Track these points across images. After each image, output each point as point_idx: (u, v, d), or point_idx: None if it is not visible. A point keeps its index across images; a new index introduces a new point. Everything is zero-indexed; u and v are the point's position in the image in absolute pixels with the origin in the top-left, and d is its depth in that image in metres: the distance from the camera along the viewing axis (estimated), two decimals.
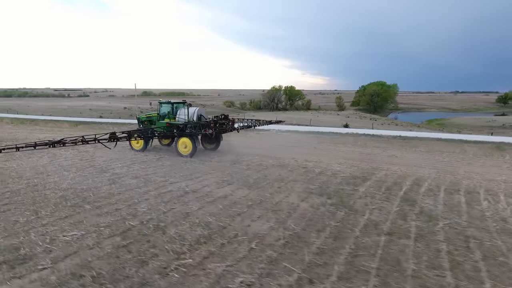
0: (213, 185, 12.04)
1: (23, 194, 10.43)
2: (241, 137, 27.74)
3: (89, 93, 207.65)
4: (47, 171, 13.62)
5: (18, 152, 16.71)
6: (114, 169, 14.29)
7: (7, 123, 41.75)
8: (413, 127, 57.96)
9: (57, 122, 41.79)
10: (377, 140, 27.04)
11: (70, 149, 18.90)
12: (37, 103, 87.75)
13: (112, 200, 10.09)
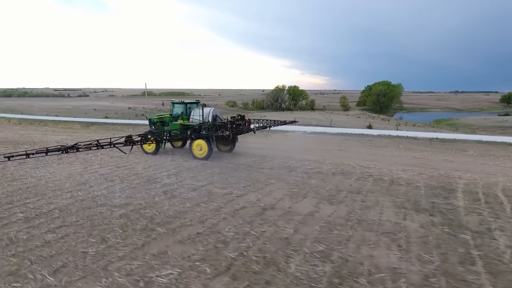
0: (286, 199, 10.38)
1: (75, 213, 8.72)
2: (262, 138, 26.18)
3: (89, 93, 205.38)
4: (88, 182, 11.90)
5: (45, 157, 15.14)
6: (162, 178, 12.58)
7: (15, 124, 39.90)
8: (430, 127, 56.50)
9: (68, 123, 39.96)
10: (416, 143, 25.48)
11: (98, 153, 17.19)
12: (40, 103, 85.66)
13: (185, 220, 8.40)
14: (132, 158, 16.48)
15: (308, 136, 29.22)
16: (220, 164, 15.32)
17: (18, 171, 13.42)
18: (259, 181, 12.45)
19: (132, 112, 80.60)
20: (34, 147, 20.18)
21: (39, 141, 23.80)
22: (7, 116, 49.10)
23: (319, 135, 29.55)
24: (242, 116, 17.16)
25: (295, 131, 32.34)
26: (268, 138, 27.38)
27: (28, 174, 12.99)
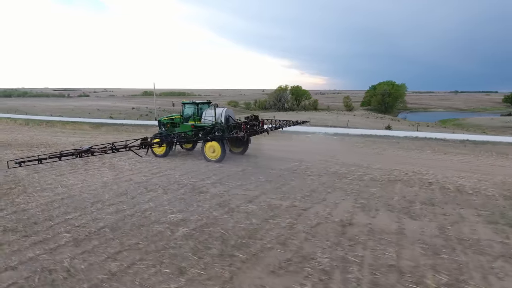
0: (359, 212, 9.15)
1: (130, 233, 7.46)
2: (279, 140, 24.99)
3: (89, 93, 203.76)
4: (128, 192, 10.64)
5: (71, 162, 13.88)
6: (207, 187, 11.33)
7: (22, 125, 38.54)
8: (444, 127, 55.41)
9: (76, 124, 38.60)
10: (450, 145, 24.35)
11: (123, 157, 15.94)
12: (43, 103, 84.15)
13: (262, 241, 7.16)
14: (164, 164, 15.25)
15: (331, 138, 28.03)
16: (261, 170, 14.09)
17: (45, 179, 12.17)
18: (315, 190, 11.22)
19: (136, 112, 79.31)
20: (50, 150, 18.96)
21: (54, 143, 22.53)
22: (12, 116, 47.75)
23: (343, 137, 28.35)
24: (256, 116, 16.54)
25: (316, 132, 31.17)
26: (289, 139, 26.20)
27: (57, 182, 11.74)
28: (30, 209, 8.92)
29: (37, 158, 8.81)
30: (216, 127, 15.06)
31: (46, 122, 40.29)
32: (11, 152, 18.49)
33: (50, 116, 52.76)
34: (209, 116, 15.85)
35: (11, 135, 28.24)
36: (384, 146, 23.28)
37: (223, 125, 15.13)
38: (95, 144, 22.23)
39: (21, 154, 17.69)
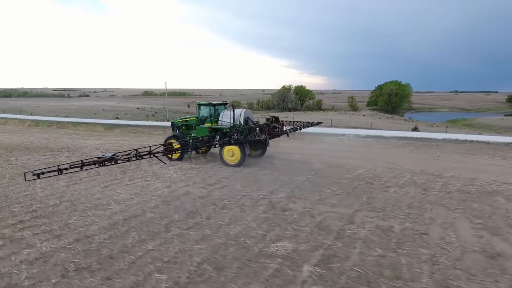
0: (488, 236, 7.55)
1: (241, 273, 5.80)
2: (309, 143, 23.47)
3: (89, 93, 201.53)
4: (196, 209, 8.96)
5: (107, 169, 12.25)
6: (285, 202, 9.68)
7: (31, 126, 36.70)
8: (465, 128, 53.96)
9: (89, 125, 36.82)
10: (496, 148, 22.81)
11: (154, 161, 14.25)
12: (46, 103, 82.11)
13: (420, 283, 5.53)
14: (211, 171, 13.64)
15: (365, 140, 26.43)
16: (325, 179, 12.48)
17: (90, 192, 10.50)
18: (412, 206, 9.62)
19: (142, 112, 77.61)
20: (74, 154, 17.49)
21: (74, 146, 20.85)
22: (19, 117, 45.91)
23: (376, 139, 26.76)
24: (276, 118, 15.86)
25: (345, 134, 29.56)
26: (319, 142, 24.57)
27: (107, 196, 10.05)
28: (94, 236, 7.25)
29: (57, 169, 7.66)
30: (236, 129, 14.36)
31: (55, 123, 38.47)
32: (33, 157, 16.80)
33: (57, 117, 50.95)
34: (227, 118, 15.12)
35: (24, 137, 26.48)
36: (429, 150, 21.71)
37: (245, 127, 14.35)
38: (116, 148, 20.83)
39: (45, 160, 16.02)
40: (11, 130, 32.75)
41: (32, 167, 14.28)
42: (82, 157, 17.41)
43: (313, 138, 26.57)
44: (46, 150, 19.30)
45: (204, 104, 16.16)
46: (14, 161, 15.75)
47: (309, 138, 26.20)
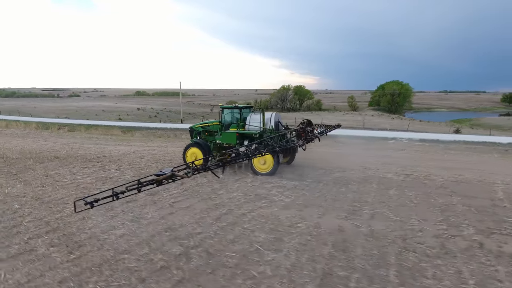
0: None
1: None
2: (360, 149, 21.00)
3: (79, 93, 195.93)
4: (347, 244, 6.37)
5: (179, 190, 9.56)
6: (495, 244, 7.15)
7: (39, 129, 33.33)
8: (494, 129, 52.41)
9: (105, 128, 33.64)
10: None
11: (234, 177, 11.60)
12: (41, 103, 78.02)
13: None
14: (304, 188, 11.04)
15: (422, 145, 24.13)
16: (444, 199, 10.00)
17: (206, 230, 7.75)
18: None
19: (143, 113, 74.31)
20: (123, 166, 14.74)
21: (112, 155, 18.09)
22: (20, 119, 42.33)
23: (437, 144, 24.44)
24: (310, 121, 14.36)
25: (396, 138, 27.17)
26: (375, 148, 22.10)
27: (245, 237, 7.33)
28: None
29: (112, 193, 6.02)
30: (267, 135, 13.27)
31: (64, 126, 35.16)
32: (75, 169, 14.15)
33: (59, 118, 47.47)
34: (256, 122, 14.05)
35: (39, 142, 23.41)
36: (510, 156, 19.51)
37: (276, 132, 13.30)
38: (162, 156, 18.04)
39: (95, 174, 13.26)
40: (19, 134, 29.48)
41: (84, 185, 11.54)
42: (132, 168, 14.69)
43: (359, 142, 24.24)
44: (82, 160, 16.46)
45: (229, 108, 15.14)
46: (57, 176, 12.92)
47: (353, 143, 23.90)
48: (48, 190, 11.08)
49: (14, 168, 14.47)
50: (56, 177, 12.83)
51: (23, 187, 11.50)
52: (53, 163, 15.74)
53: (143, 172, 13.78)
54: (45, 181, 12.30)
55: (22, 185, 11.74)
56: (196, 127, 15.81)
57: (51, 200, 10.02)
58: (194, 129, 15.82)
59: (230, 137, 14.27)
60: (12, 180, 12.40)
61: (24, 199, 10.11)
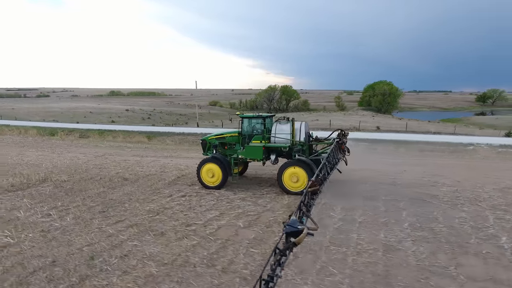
0: None
1: None
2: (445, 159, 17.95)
3: (47, 92, 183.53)
4: None
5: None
6: None
7: (41, 135, 28.03)
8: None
9: (124, 134, 28.82)
10: None
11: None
12: (19, 105, 70.18)
13: None
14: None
15: (507, 151, 21.43)
16: None
17: None
18: None
19: (134, 115, 68.76)
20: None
21: (187, 172, 13.89)
22: (8, 123, 36.47)
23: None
24: (344, 132, 13.77)
25: (474, 143, 24.34)
26: (468, 158, 19.24)
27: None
28: None
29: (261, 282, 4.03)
30: (298, 147, 12.38)
31: (73, 132, 29.92)
32: (183, 201, 10.01)
33: (55, 122, 41.66)
34: (284, 134, 12.60)
35: (64, 155, 19.01)
36: None
37: (306, 144, 12.53)
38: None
39: (207, 203, 9.27)
40: (25, 143, 24.42)
41: (238, 233, 7.71)
42: (247, 191, 10.78)
43: (440, 149, 21.22)
44: (165, 184, 12.54)
45: (250, 117, 13.35)
46: (174, 215, 8.92)
47: (437, 150, 20.91)
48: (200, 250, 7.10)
49: (88, 200, 10.32)
50: (178, 217, 8.78)
51: (156, 241, 7.42)
52: (131, 188, 11.83)
53: (272, 196, 10.10)
54: (171, 226, 8.20)
55: (152, 238, 7.66)
56: (211, 139, 13.80)
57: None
58: (208, 141, 13.77)
59: (256, 151, 12.54)
60: (117, 226, 8.22)
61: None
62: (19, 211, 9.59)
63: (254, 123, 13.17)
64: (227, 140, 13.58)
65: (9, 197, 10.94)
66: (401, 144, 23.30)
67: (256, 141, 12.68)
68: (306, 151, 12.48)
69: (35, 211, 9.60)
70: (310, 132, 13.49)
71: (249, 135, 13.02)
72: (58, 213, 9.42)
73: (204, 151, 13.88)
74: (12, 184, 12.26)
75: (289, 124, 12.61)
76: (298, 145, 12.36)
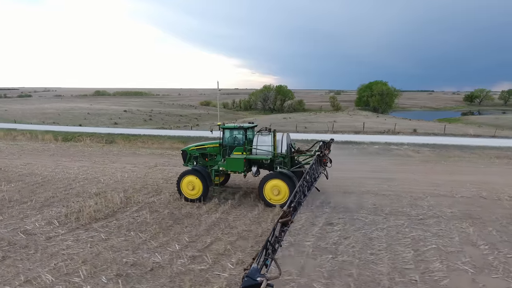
0: None
1: None
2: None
3: (29, 92, 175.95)
4: None
5: None
6: None
7: (60, 141, 25.21)
8: None
9: (155, 139, 26.32)
10: None
11: None
12: (11, 106, 65.47)
13: None
14: None
15: None
16: None
17: None
18: None
19: (134, 116, 65.47)
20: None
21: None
22: (15, 127, 33.24)
23: None
24: (329, 143, 13.40)
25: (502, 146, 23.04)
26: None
27: None
28: None
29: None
30: (277, 160, 12.18)
31: (88, 136, 27.06)
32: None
33: (55, 125, 38.44)
34: (265, 145, 12.31)
35: (107, 165, 16.36)
36: None
37: (287, 156, 12.19)
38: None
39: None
40: (47, 150, 21.52)
41: None
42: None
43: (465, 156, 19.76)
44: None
45: (231, 128, 12.97)
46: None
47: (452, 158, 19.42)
48: None
49: (218, 231, 7.93)
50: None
51: None
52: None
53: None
54: None
55: None
56: (191, 150, 13.50)
57: None
58: (189, 152, 13.42)
59: (237, 163, 12.16)
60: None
61: None
62: (153, 254, 7.25)
63: (236, 134, 12.89)
64: (208, 151, 13.25)
65: (108, 231, 8.49)
66: (473, 149, 21.75)
67: (237, 153, 12.40)
68: (288, 163, 12.23)
69: (170, 253, 7.26)
70: (292, 144, 13.23)
71: (230, 146, 12.71)
72: (196, 254, 7.12)
73: (184, 162, 13.50)
74: (96, 210, 9.79)
75: (271, 135, 12.31)
76: (280, 157, 12.07)
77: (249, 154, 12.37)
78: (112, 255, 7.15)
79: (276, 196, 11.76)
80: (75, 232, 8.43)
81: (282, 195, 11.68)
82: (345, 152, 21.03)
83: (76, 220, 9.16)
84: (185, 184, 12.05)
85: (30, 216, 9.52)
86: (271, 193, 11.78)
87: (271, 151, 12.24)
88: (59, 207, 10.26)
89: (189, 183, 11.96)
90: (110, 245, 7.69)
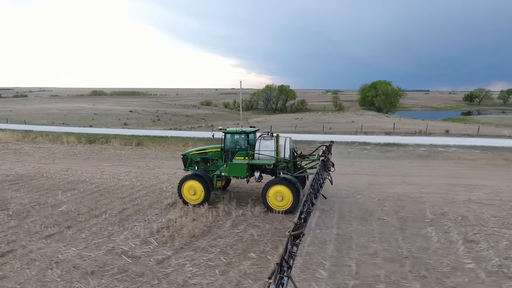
0: None
1: None
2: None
3: (24, 92, 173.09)
4: None
5: None
6: None
7: (85, 143, 23.93)
8: None
9: (178, 141, 25.01)
10: None
11: None
12: (15, 106, 63.64)
13: None
14: None
15: None
16: None
17: None
18: None
19: (142, 116, 64.09)
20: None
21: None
22: (30, 128, 31.78)
23: None
24: (329, 146, 13.41)
25: None
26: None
27: None
28: None
29: None
30: (280, 165, 11.84)
31: (112, 138, 25.68)
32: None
33: (65, 126, 36.97)
34: (268, 150, 12.06)
35: (154, 170, 15.09)
36: None
37: (289, 160, 11.89)
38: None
39: None
40: (78, 154, 20.14)
41: None
42: None
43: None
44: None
45: (233, 132, 12.67)
46: None
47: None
48: None
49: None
50: None
51: None
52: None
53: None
54: None
55: None
56: (192, 155, 13.20)
57: None
58: (190, 156, 13.12)
59: (239, 169, 11.89)
60: None
61: None
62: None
63: (237, 139, 12.58)
64: (209, 155, 12.97)
65: (222, 251, 7.22)
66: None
67: (239, 158, 12.09)
68: (291, 168, 12.05)
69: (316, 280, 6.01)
70: (294, 148, 12.99)
71: (232, 151, 12.38)
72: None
73: (185, 166, 13.19)
74: (192, 226, 8.47)
75: (273, 140, 12.04)
76: (283, 162, 11.79)
77: (251, 159, 12.06)
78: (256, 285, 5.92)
79: (279, 202, 11.50)
80: (182, 253, 7.15)
81: (286, 201, 11.44)
82: (394, 155, 19.90)
83: (171, 238, 7.90)
84: (186, 189, 11.86)
85: (116, 233, 8.23)
86: (275, 199, 11.53)
87: (274, 156, 11.97)
88: (140, 221, 9.00)
89: (190, 188, 11.77)
90: (241, 270, 6.43)
